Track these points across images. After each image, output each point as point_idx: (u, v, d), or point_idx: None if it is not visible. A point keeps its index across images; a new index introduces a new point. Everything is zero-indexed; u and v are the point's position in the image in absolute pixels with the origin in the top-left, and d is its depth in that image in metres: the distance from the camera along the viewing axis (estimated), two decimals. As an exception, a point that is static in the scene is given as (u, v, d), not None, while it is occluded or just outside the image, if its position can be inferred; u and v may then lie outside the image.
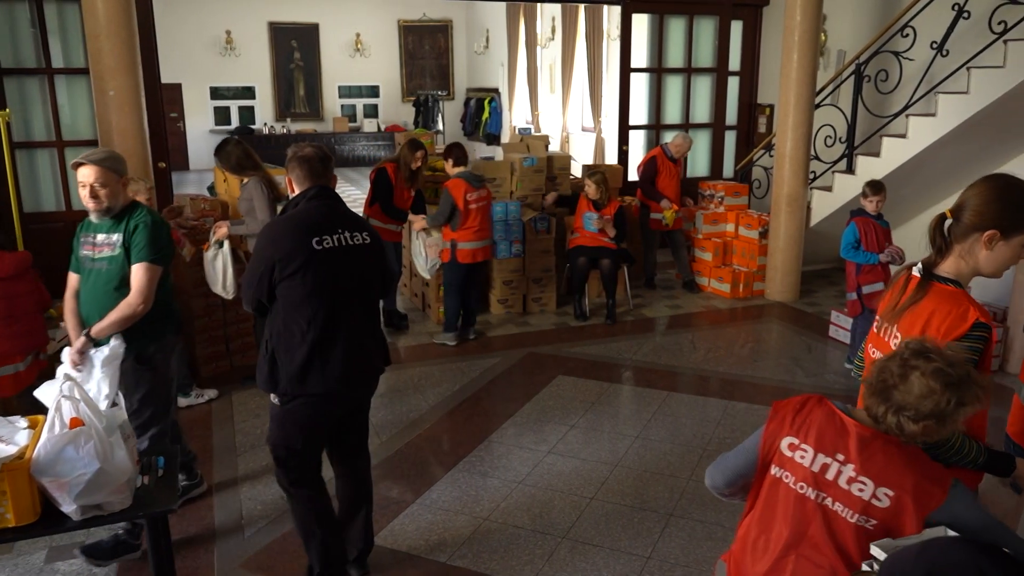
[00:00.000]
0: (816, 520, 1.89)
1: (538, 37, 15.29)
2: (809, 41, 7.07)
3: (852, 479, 1.85)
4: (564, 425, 5.00)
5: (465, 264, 6.21)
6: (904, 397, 1.80)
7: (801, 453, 1.93)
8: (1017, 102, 5.95)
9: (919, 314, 2.16)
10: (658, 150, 7.80)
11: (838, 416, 1.92)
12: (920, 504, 1.79)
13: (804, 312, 7.31)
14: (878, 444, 1.85)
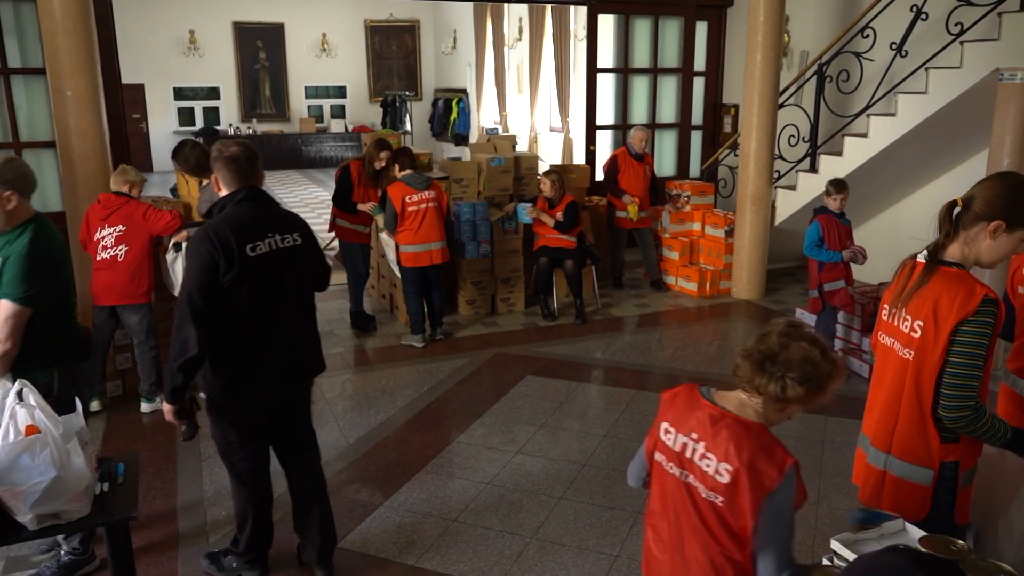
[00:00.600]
0: (686, 498, 1.96)
1: (505, 37, 15.30)
2: (772, 42, 7.15)
3: (703, 455, 1.91)
4: (533, 425, 5.00)
5: (415, 267, 6.15)
6: (787, 362, 1.85)
7: (670, 436, 2.01)
8: (974, 102, 6.06)
9: (927, 296, 2.28)
10: (622, 148, 7.84)
11: (697, 397, 2.00)
12: (754, 482, 1.82)
13: (770, 309, 7.39)
14: (725, 422, 1.90)
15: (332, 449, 4.66)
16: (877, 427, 2.48)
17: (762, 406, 1.90)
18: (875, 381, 2.55)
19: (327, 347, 6.27)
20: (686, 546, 1.97)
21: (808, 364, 1.84)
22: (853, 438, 4.82)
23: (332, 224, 6.65)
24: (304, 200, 14.08)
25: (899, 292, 2.40)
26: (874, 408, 2.52)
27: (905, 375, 2.35)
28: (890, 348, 2.44)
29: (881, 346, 2.50)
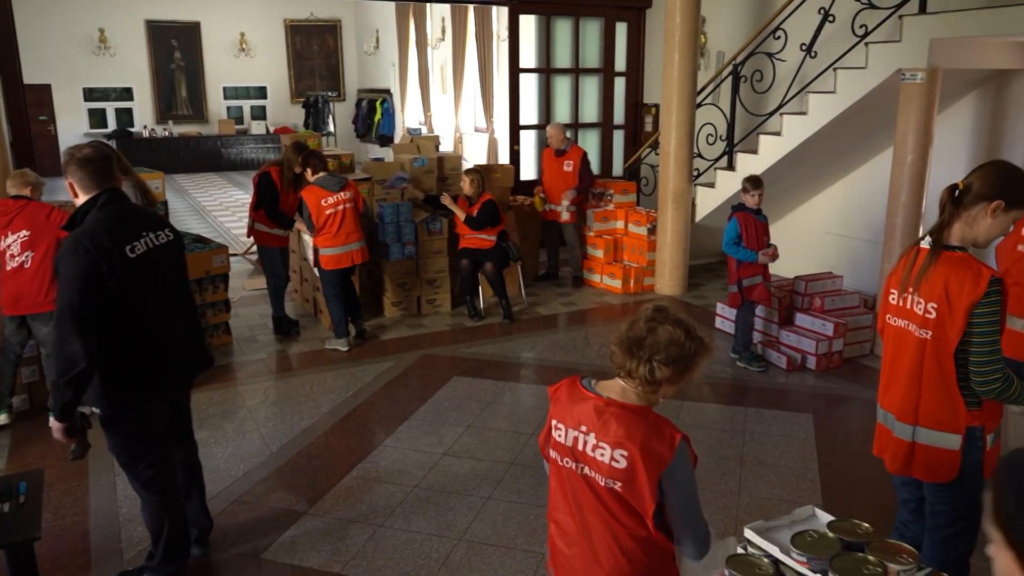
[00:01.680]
0: (585, 490, 2.01)
1: (428, 38, 15.22)
2: (689, 43, 7.30)
3: (595, 446, 1.96)
4: (460, 426, 4.98)
5: (336, 269, 6.06)
6: (655, 345, 1.93)
7: (560, 432, 2.05)
8: (879, 100, 6.29)
9: (936, 280, 2.50)
10: (547, 148, 7.94)
11: (579, 390, 2.05)
12: (650, 463, 1.89)
13: (692, 305, 7.54)
14: (611, 411, 1.96)
15: (254, 458, 4.55)
16: (902, 403, 2.68)
17: (640, 389, 1.97)
18: (892, 360, 2.75)
19: (249, 353, 6.18)
20: (593, 534, 2.01)
21: (674, 345, 1.92)
22: (773, 428, 4.97)
23: (251, 229, 6.49)
24: (224, 203, 13.72)
25: (906, 276, 2.61)
26: (894, 385, 2.72)
27: (924, 353, 2.57)
28: (904, 329, 2.65)
29: (893, 328, 2.71)
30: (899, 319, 2.68)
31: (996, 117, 6.49)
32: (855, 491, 4.29)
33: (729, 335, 6.54)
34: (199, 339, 3.37)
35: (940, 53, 5.69)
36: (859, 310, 6.25)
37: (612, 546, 1.98)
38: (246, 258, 9.11)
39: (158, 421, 3.18)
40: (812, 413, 5.20)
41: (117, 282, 2.85)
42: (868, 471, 4.48)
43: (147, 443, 3.13)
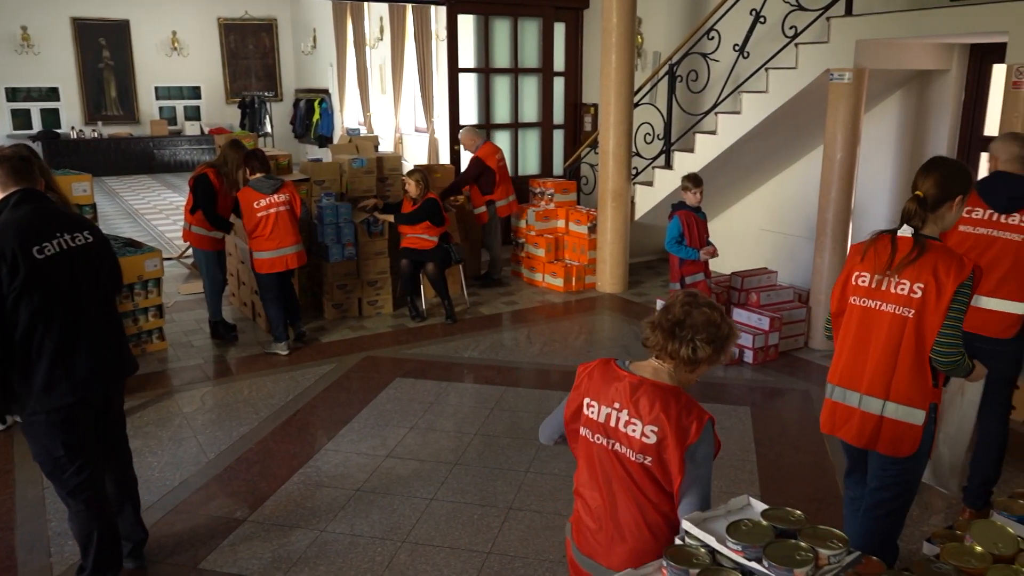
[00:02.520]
0: (616, 465, 2.12)
1: (367, 37, 15.07)
2: (626, 43, 7.38)
3: (627, 422, 2.09)
4: (403, 427, 4.95)
5: (272, 273, 5.94)
6: (694, 326, 2.07)
7: (593, 409, 2.16)
8: (810, 100, 6.47)
9: (924, 265, 2.74)
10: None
11: (614, 370, 2.17)
12: (679, 438, 2.02)
13: (633, 302, 7.63)
14: (644, 388, 2.09)
15: (191, 466, 4.45)
16: (872, 379, 2.85)
17: (674, 370, 2.11)
18: (856, 339, 2.90)
19: (185, 359, 6.03)
20: (620, 509, 2.12)
21: (711, 326, 2.07)
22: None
23: (186, 232, 6.33)
24: (158, 206, 13.37)
25: (887, 263, 2.80)
26: (860, 363, 2.89)
27: (904, 330, 2.76)
28: (876, 310, 2.84)
29: (860, 308, 2.88)
30: (870, 300, 2.85)
31: (919, 115, 6.72)
32: (791, 480, 4.39)
33: (669, 331, 6.63)
34: (121, 344, 3.28)
35: (866, 54, 5.87)
36: (794, 304, 6.41)
37: (639, 520, 2.10)
38: (181, 262, 8.89)
39: (81, 427, 3.08)
40: (750, 406, 5.31)
41: (20, 284, 2.79)
42: (803, 461, 4.60)
43: (69, 450, 3.04)
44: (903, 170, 6.86)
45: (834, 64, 5.96)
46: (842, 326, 2.98)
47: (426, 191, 6.84)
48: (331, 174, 7.11)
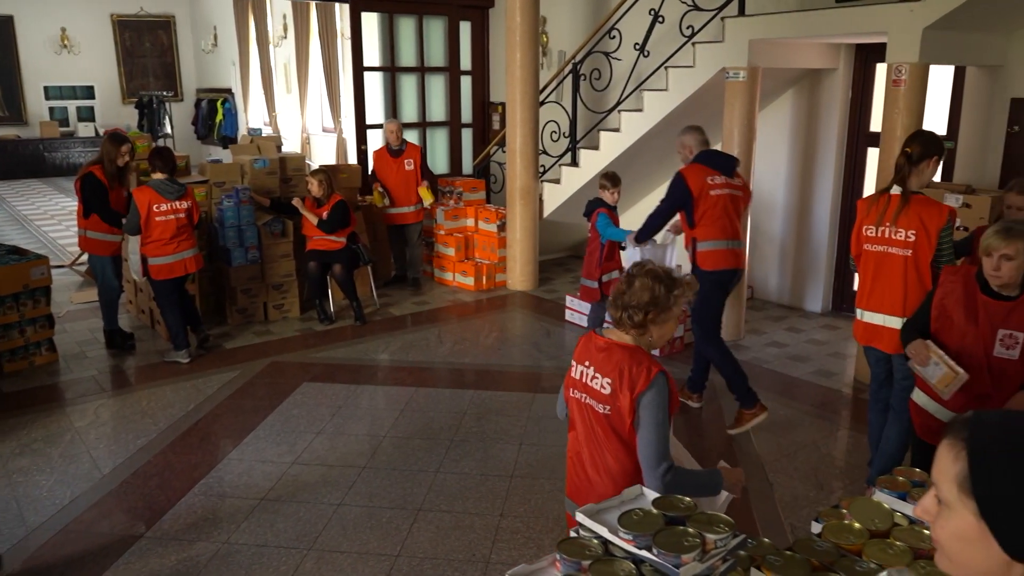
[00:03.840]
0: (587, 418, 2.43)
1: (270, 35, 14.71)
2: (530, 41, 7.43)
3: (593, 377, 2.40)
4: (310, 433, 4.85)
5: (169, 279, 5.74)
6: (629, 297, 2.35)
7: (576, 370, 2.48)
8: (708, 97, 6.64)
9: (912, 215, 3.63)
10: (382, 147, 7.84)
11: (594, 337, 2.47)
12: (628, 386, 2.30)
13: (543, 299, 7.69)
14: (610, 349, 2.39)
15: (83, 482, 4.25)
16: (892, 302, 3.76)
17: (629, 335, 2.38)
18: (875, 276, 3.81)
19: (78, 371, 5.77)
20: (587, 455, 2.43)
21: (645, 292, 2.33)
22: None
23: (83, 239, 6.03)
24: (49, 212, 12.73)
25: (882, 213, 3.71)
26: (879, 292, 3.80)
27: (907, 266, 3.67)
28: (886, 253, 3.74)
29: (873, 253, 3.79)
30: (880, 246, 3.76)
31: (811, 112, 7.00)
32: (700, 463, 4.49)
33: (580, 327, 6.71)
34: None
35: (758, 53, 6.07)
36: (697, 297, 6.57)
37: (600, 465, 2.40)
38: (74, 269, 8.49)
39: None
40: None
41: None
42: (710, 445, 4.73)
43: None
44: (798, 164, 7.13)
45: (729, 63, 6.14)
46: (861, 266, 3.88)
47: (331, 192, 6.73)
48: (232, 175, 6.91)
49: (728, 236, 4.85)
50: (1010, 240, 2.84)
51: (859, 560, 1.81)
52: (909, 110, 5.19)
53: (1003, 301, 2.96)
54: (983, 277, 2.99)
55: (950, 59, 5.53)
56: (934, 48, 5.12)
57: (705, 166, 4.84)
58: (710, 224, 4.80)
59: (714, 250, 4.85)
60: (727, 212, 4.84)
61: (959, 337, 3.04)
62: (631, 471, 2.35)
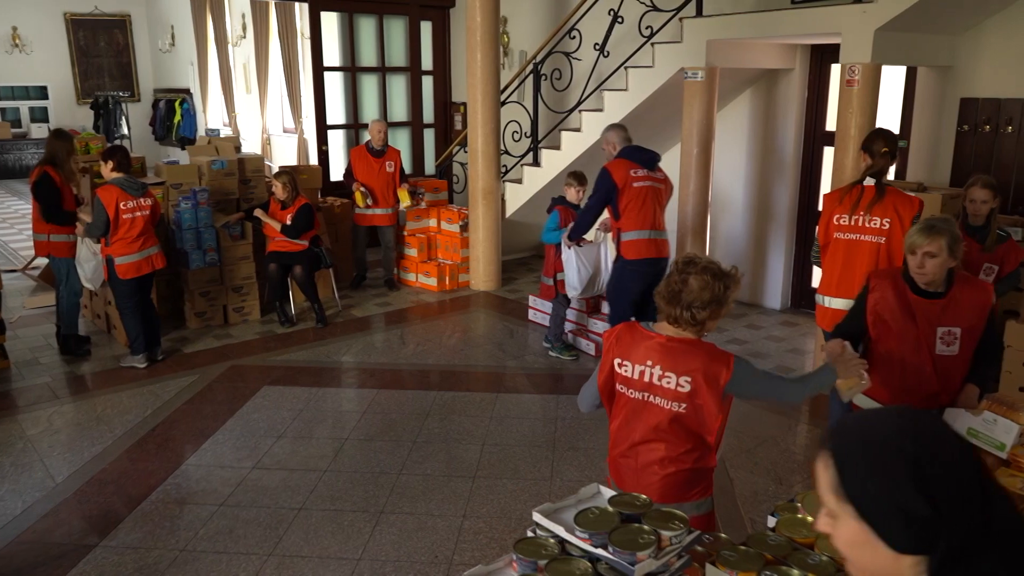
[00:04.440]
0: (648, 414, 2.44)
1: (228, 35, 14.52)
2: (490, 42, 7.42)
3: (662, 376, 2.39)
4: (271, 437, 4.79)
5: (134, 279, 5.65)
6: (690, 295, 2.34)
7: (626, 368, 2.46)
8: (667, 97, 6.70)
9: (888, 204, 3.88)
10: (361, 146, 7.77)
11: (642, 332, 2.47)
12: (711, 382, 2.34)
13: (506, 299, 7.69)
14: (673, 345, 2.40)
15: (36, 491, 4.15)
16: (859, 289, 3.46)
17: (684, 329, 2.39)
18: (846, 263, 3.98)
19: (31, 378, 5.65)
20: (644, 451, 2.45)
21: (705, 291, 2.34)
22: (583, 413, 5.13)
23: (43, 244, 5.89)
24: (2, 216, 12.42)
25: (856, 204, 3.93)
26: (852, 278, 3.91)
27: (878, 253, 3.88)
28: (857, 240, 3.95)
29: (844, 241, 3.98)
30: (852, 234, 3.96)
31: (768, 112, 7.09)
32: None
33: (542, 326, 6.72)
34: None
35: (716, 53, 6.14)
36: (659, 295, 6.62)
37: (662, 459, 2.43)
38: (27, 274, 8.30)
39: None
40: (619, 395, 5.44)
41: None
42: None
43: None
44: (756, 163, 7.22)
45: (688, 63, 6.20)
46: (829, 255, 4.05)
47: (296, 194, 6.67)
48: (189, 177, 6.80)
49: (650, 226, 5.19)
50: (932, 237, 2.86)
51: (811, 553, 1.84)
52: (863, 109, 5.29)
53: (934, 299, 2.99)
54: (910, 277, 3.01)
55: (901, 60, 5.64)
56: (886, 49, 5.22)
57: (628, 160, 5.18)
58: (634, 215, 5.14)
59: (637, 240, 5.19)
60: (648, 203, 5.17)
61: (899, 340, 3.03)
62: (688, 457, 2.44)
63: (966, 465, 1.05)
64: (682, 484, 2.46)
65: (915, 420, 1.09)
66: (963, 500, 1.03)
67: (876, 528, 1.05)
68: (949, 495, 1.02)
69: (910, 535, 1.03)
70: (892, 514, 1.04)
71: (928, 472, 1.02)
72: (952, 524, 1.02)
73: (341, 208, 8.00)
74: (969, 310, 2.98)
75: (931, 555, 1.03)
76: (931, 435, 1.06)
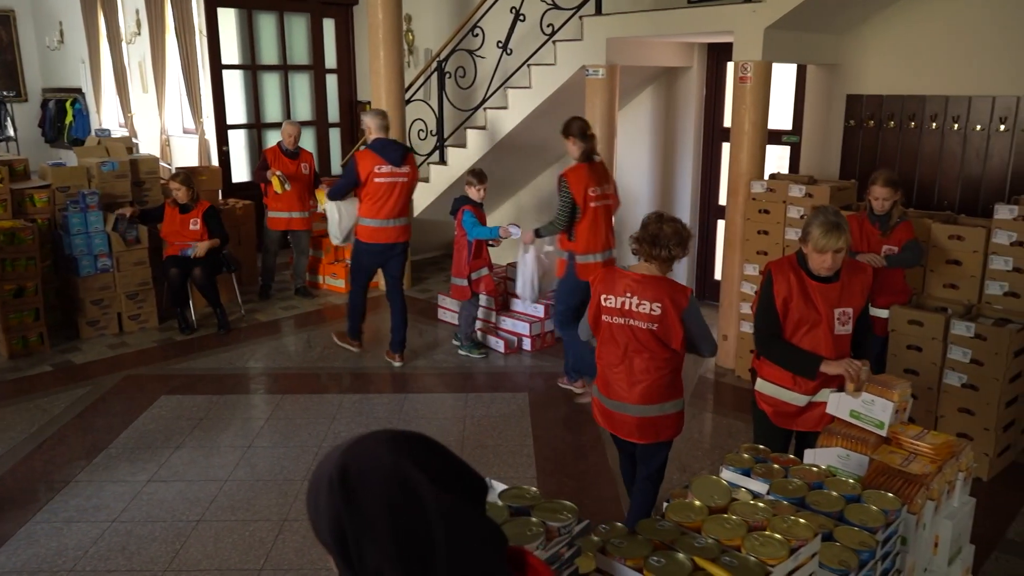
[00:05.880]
0: (630, 335, 3.20)
1: (122, 31, 13.92)
2: (393, 39, 7.34)
3: (639, 304, 3.16)
4: (168, 448, 4.61)
5: None
6: (665, 238, 3.15)
7: (610, 300, 3.23)
8: (570, 94, 6.75)
9: (605, 174, 5.07)
10: (274, 146, 7.46)
11: (620, 272, 3.26)
12: (676, 306, 3.13)
13: (416, 299, 7.62)
14: (646, 280, 3.18)
15: (-94, 518, 3.87)
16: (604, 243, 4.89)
17: (657, 267, 3.19)
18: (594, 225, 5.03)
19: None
20: (634, 364, 3.22)
21: (677, 235, 3.16)
22: (492, 410, 5.10)
23: None
24: None
25: (600, 176, 5.06)
26: (599, 236, 5.05)
27: (609, 213, 5.13)
28: (602, 206, 5.07)
29: (593, 208, 5.01)
30: (598, 201, 5.04)
31: (669, 109, 7.25)
32: (565, 460, 4.57)
33: (451, 325, 6.69)
34: None
35: (616, 51, 6.23)
36: (567, 291, 6.67)
37: (648, 367, 3.21)
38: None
39: None
40: (528, 392, 5.47)
41: None
42: (577, 441, 4.81)
43: None
44: (659, 159, 7.37)
45: (588, 60, 6.27)
46: (589, 219, 5.02)
47: (196, 196, 6.45)
48: (76, 180, 6.48)
49: (389, 215, 5.64)
50: (839, 235, 3.02)
51: (698, 536, 1.87)
52: (756, 106, 5.46)
53: (830, 283, 3.14)
54: (805, 264, 3.15)
55: (791, 57, 5.84)
56: (776, 47, 5.40)
57: (376, 155, 5.54)
58: (372, 205, 5.58)
59: (372, 227, 5.65)
60: (389, 198, 5.61)
61: (808, 326, 3.17)
62: (667, 364, 3.23)
63: (389, 506, 1.00)
64: (665, 387, 3.25)
65: (352, 456, 1.05)
66: (370, 549, 1.00)
67: (336, 558, 1.05)
68: (357, 542, 1.00)
69: (343, 571, 1.03)
70: (331, 549, 1.04)
71: (343, 518, 1.01)
72: (360, 571, 1.01)
73: (243, 210, 7.77)
74: (858, 291, 3.17)
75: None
76: (360, 477, 1.02)
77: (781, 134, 6.61)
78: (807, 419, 3.25)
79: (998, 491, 4.17)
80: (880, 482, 2.32)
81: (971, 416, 4.30)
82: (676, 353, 3.20)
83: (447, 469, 1.07)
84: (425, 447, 1.08)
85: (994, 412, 4.22)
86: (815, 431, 3.11)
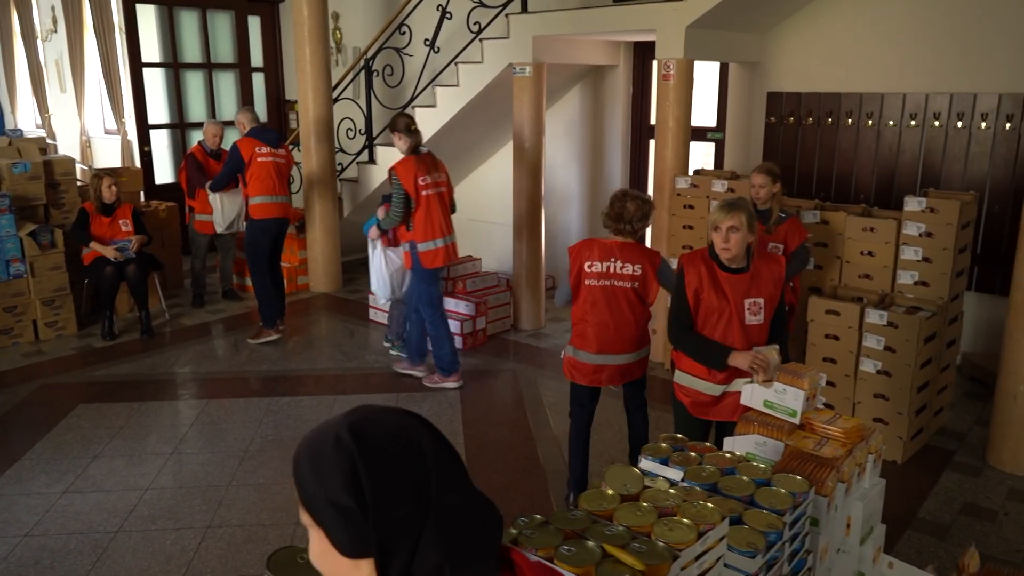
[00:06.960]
0: (613, 295, 3.67)
1: (37, 29, 13.41)
2: (319, 37, 7.24)
3: (621, 266, 3.65)
4: (85, 458, 4.45)
5: None
6: (628, 214, 3.66)
7: (595, 266, 3.68)
8: (498, 93, 6.76)
9: (439, 165, 5.36)
10: (196, 147, 7.22)
11: (600, 242, 3.71)
12: (652, 266, 3.67)
13: (347, 300, 7.53)
14: (625, 246, 3.69)
15: None
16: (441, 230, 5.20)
17: (629, 238, 3.69)
18: (429, 213, 5.21)
19: None
20: (617, 317, 3.68)
21: (639, 211, 3.66)
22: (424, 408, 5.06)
23: None
24: None
25: (430, 166, 5.25)
26: (435, 223, 5.24)
27: (444, 200, 5.36)
28: (436, 193, 5.24)
29: (426, 196, 5.20)
30: (430, 190, 5.19)
31: (597, 107, 7.32)
32: (496, 455, 4.57)
33: (382, 325, 6.63)
34: None
35: (543, 49, 6.25)
36: (499, 289, 6.68)
37: (630, 321, 3.70)
38: None
39: None
40: (458, 390, 5.45)
41: None
42: (507, 436, 4.82)
43: None
44: (588, 157, 7.44)
45: (515, 58, 6.29)
46: (423, 207, 5.22)
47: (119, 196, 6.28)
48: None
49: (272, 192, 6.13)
50: (733, 213, 3.07)
51: (609, 524, 1.89)
52: (679, 103, 5.55)
53: (740, 274, 3.19)
54: (716, 255, 3.20)
55: (712, 55, 5.96)
56: (697, 45, 5.50)
57: (255, 139, 6.07)
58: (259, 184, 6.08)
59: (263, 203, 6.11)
60: (271, 174, 6.10)
61: (718, 316, 3.22)
62: (643, 317, 3.76)
63: (402, 459, 1.02)
64: (641, 336, 3.76)
65: (360, 415, 1.07)
66: (390, 497, 1.00)
67: (327, 533, 1.03)
68: (376, 491, 0.99)
69: (348, 537, 1.01)
70: (332, 516, 1.01)
71: (359, 468, 1.00)
72: (378, 522, 0.99)
73: (167, 212, 7.56)
74: (769, 281, 3.20)
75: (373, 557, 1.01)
76: (370, 430, 1.04)
77: (706, 131, 6.74)
78: (722, 409, 3.31)
79: (911, 473, 4.33)
80: (793, 466, 2.38)
81: (886, 401, 4.45)
82: (647, 308, 3.75)
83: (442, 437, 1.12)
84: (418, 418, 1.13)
85: (907, 397, 4.38)
86: (732, 421, 3.16)
